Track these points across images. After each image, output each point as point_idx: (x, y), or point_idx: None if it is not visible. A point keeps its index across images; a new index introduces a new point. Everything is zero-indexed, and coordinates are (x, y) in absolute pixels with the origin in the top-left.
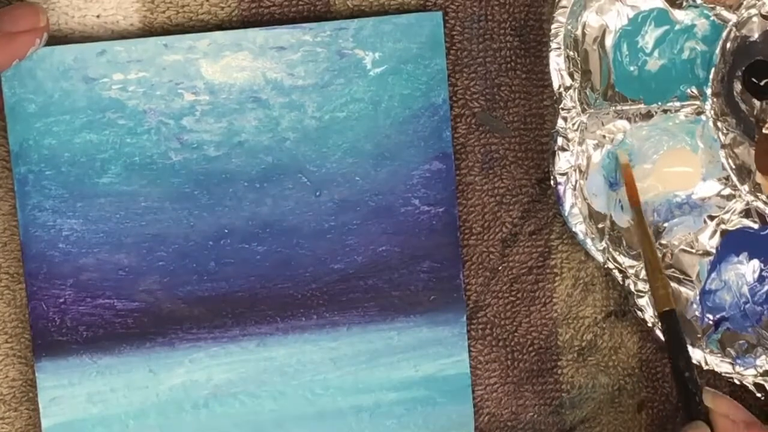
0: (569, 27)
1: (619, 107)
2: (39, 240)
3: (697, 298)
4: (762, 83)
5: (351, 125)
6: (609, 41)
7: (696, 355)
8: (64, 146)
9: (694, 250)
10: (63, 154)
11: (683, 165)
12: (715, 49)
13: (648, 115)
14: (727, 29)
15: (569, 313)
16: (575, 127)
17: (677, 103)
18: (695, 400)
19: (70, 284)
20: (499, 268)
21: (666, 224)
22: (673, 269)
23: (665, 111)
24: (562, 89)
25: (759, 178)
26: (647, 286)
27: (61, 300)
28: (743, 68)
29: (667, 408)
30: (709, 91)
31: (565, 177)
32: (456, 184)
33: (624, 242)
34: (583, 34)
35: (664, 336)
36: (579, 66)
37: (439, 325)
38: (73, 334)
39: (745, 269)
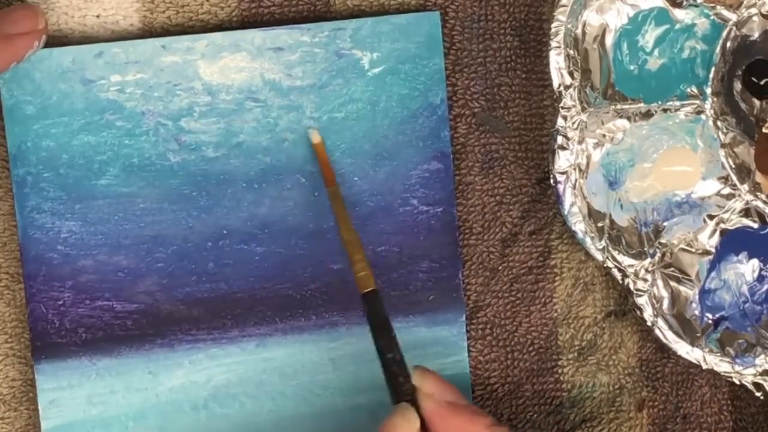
0: (569, 26)
1: (619, 106)
2: (38, 242)
3: (697, 297)
4: (762, 82)
5: (349, 126)
6: (609, 40)
7: (695, 354)
8: (62, 148)
9: (693, 250)
10: (61, 156)
11: (683, 164)
12: (715, 49)
13: (648, 114)
14: (728, 28)
15: (569, 313)
16: (575, 125)
17: (677, 102)
18: (399, 381)
19: (69, 286)
20: (499, 268)
21: (665, 223)
22: (672, 268)
23: (665, 110)
24: (562, 88)
25: (759, 177)
26: (646, 285)
27: (60, 302)
28: (743, 67)
29: (668, 408)
30: (709, 91)
31: (564, 176)
32: (455, 183)
33: (623, 241)
34: (583, 33)
35: (367, 317)
36: (579, 65)
37: (438, 325)
38: (72, 336)
39: (744, 268)
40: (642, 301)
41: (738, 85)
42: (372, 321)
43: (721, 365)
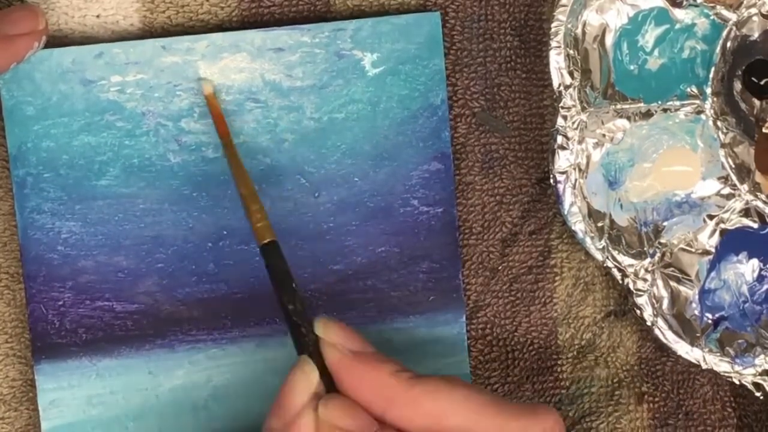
0: (569, 26)
1: (618, 106)
2: (38, 243)
3: (697, 297)
4: (762, 82)
5: (349, 126)
6: (609, 40)
7: (695, 354)
8: (62, 149)
9: (693, 250)
10: (61, 157)
11: (683, 164)
12: (716, 48)
13: (648, 114)
14: (728, 28)
15: (569, 312)
16: (575, 125)
17: (677, 102)
18: (301, 332)
19: (69, 287)
20: (499, 268)
21: (665, 223)
22: (672, 268)
23: (665, 110)
24: (562, 88)
25: (758, 177)
26: (646, 285)
27: (60, 302)
28: (743, 67)
29: (669, 405)
30: (709, 90)
31: (564, 176)
32: (455, 184)
33: (623, 241)
34: (583, 33)
35: (267, 269)
36: (579, 65)
37: (438, 325)
38: (72, 336)
39: (744, 268)
40: (642, 300)
41: (738, 85)
42: (272, 272)
43: (720, 365)
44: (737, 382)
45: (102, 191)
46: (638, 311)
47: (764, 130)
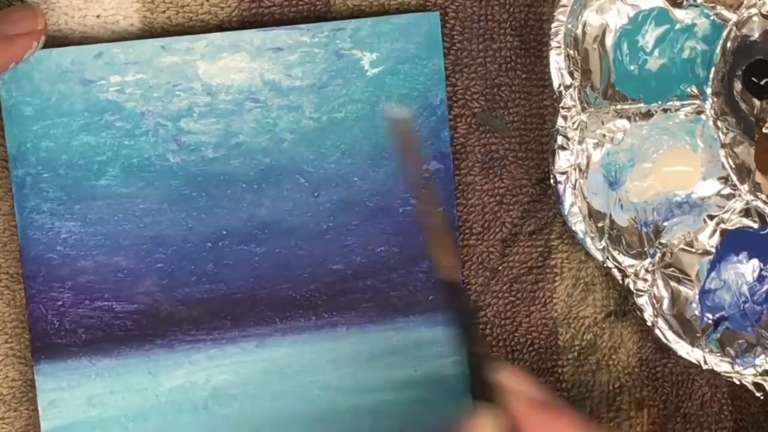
0: (569, 26)
1: (619, 106)
2: (37, 243)
3: (697, 297)
4: (762, 82)
5: (349, 126)
6: (609, 40)
7: (695, 354)
8: (61, 149)
9: (693, 250)
10: (61, 157)
11: (683, 164)
12: (716, 49)
13: (648, 114)
14: (728, 28)
15: (569, 313)
16: (575, 126)
17: (677, 103)
18: (483, 377)
19: (69, 287)
20: (499, 268)
21: (666, 223)
22: (672, 268)
23: (665, 110)
24: (562, 88)
25: (759, 177)
26: (646, 285)
27: (60, 303)
28: (743, 67)
29: (668, 408)
30: (709, 91)
31: (564, 176)
32: (455, 184)
33: (624, 241)
34: (584, 33)
35: (451, 311)
36: (579, 65)
37: (438, 325)
38: (72, 336)
39: (744, 269)
40: (642, 301)
41: (738, 85)
42: (458, 315)
43: (721, 365)
44: (737, 383)
45: (101, 191)
46: (638, 311)
47: (764, 130)
